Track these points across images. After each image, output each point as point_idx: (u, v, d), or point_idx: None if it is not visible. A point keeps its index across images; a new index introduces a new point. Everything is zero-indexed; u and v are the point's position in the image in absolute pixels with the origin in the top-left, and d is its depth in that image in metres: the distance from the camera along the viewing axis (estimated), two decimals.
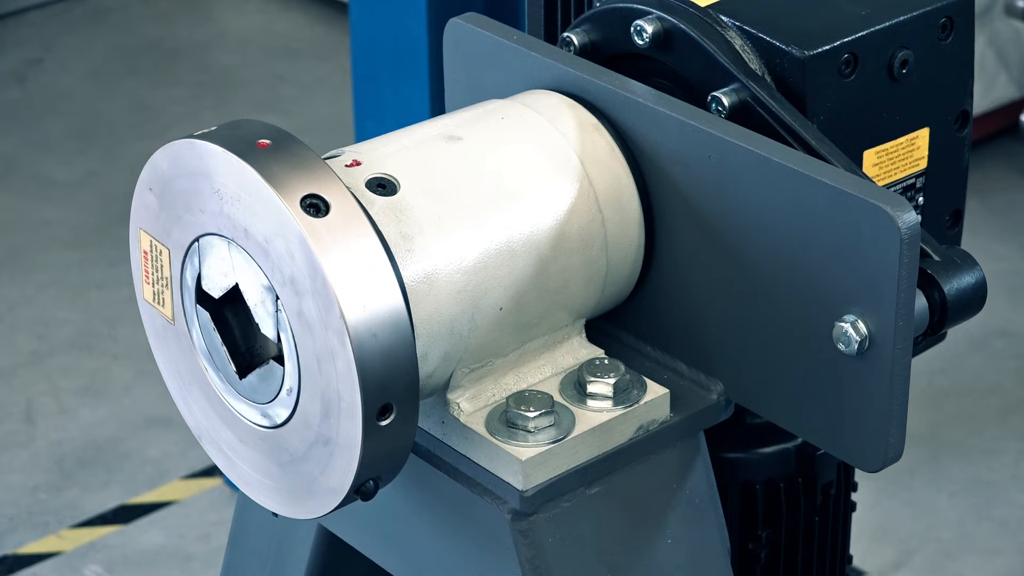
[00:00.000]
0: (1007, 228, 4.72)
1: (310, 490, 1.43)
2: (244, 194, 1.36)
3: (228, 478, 1.53)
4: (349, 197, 1.36)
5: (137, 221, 1.49)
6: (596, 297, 1.56)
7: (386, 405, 1.35)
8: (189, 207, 1.42)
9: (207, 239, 1.42)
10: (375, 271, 1.34)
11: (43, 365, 4.25)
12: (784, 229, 1.45)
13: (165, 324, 1.50)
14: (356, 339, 1.33)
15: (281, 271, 1.36)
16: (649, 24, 1.57)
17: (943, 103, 1.63)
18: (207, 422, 1.51)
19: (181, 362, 1.51)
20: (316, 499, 1.43)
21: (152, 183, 1.45)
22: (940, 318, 1.46)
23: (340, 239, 1.34)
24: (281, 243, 1.35)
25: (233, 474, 1.51)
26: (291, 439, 1.42)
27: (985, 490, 3.77)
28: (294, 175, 1.35)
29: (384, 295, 1.34)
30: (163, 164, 1.44)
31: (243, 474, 1.49)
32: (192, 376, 1.50)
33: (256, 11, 6.18)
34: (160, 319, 1.51)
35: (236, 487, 1.52)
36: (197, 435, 1.53)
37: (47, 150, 5.24)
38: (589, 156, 1.53)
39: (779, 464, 1.76)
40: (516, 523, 1.47)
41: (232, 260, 1.40)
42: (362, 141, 1.53)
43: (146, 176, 1.46)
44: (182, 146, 1.41)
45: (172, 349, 1.51)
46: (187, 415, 1.53)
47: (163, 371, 1.54)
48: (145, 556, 3.64)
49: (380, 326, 1.34)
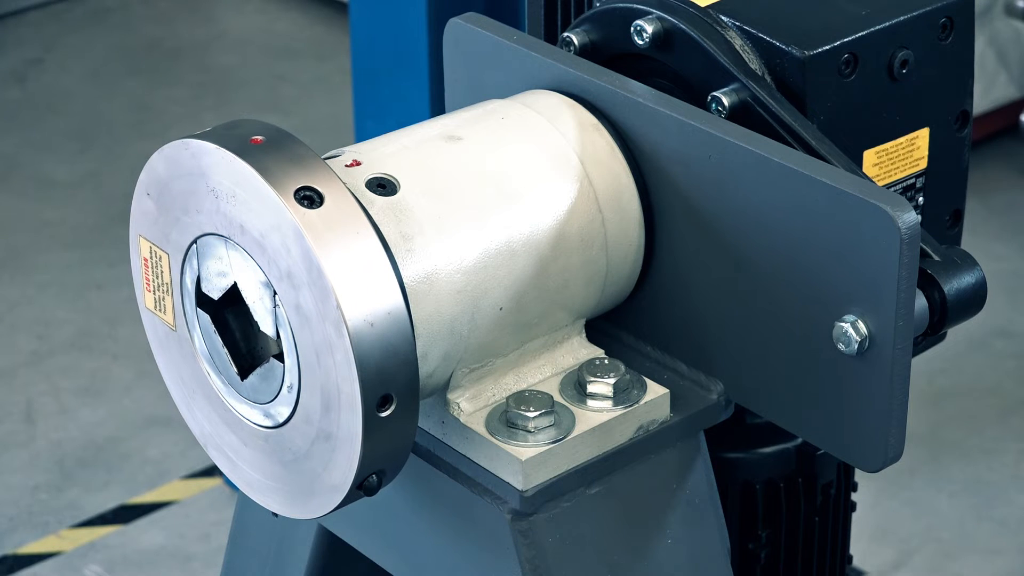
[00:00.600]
0: (1007, 228, 4.72)
1: (313, 488, 1.43)
2: (239, 190, 1.37)
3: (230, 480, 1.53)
4: (343, 188, 1.36)
5: (136, 227, 1.49)
6: (596, 297, 1.56)
7: (386, 396, 1.35)
8: (186, 208, 1.42)
9: (205, 240, 1.42)
10: (370, 262, 1.34)
11: (43, 365, 4.25)
12: (784, 229, 1.45)
13: (167, 332, 1.51)
14: (353, 328, 1.33)
15: (278, 265, 1.36)
16: (649, 24, 1.57)
17: (943, 103, 1.63)
18: (211, 427, 1.51)
19: (184, 368, 1.51)
20: (319, 497, 1.43)
21: (150, 187, 1.46)
22: (940, 318, 1.46)
23: (335, 230, 1.34)
24: (277, 237, 1.35)
25: (237, 477, 1.51)
26: (293, 437, 1.42)
27: (985, 490, 3.77)
28: (287, 169, 1.35)
29: (380, 286, 1.34)
30: (159, 167, 1.44)
31: (247, 476, 1.49)
32: (195, 381, 1.50)
33: (256, 11, 6.18)
34: (163, 327, 1.51)
35: (236, 487, 1.53)
36: (202, 441, 1.53)
37: (47, 150, 5.24)
38: (589, 156, 1.53)
39: (779, 464, 1.76)
40: (516, 523, 1.47)
41: (230, 259, 1.40)
42: (362, 141, 1.53)
43: (144, 181, 1.46)
44: (177, 147, 1.42)
45: (175, 355, 1.51)
46: (191, 421, 1.54)
47: (166, 378, 1.55)
48: (145, 556, 3.65)
49: (377, 316, 1.34)
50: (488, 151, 1.51)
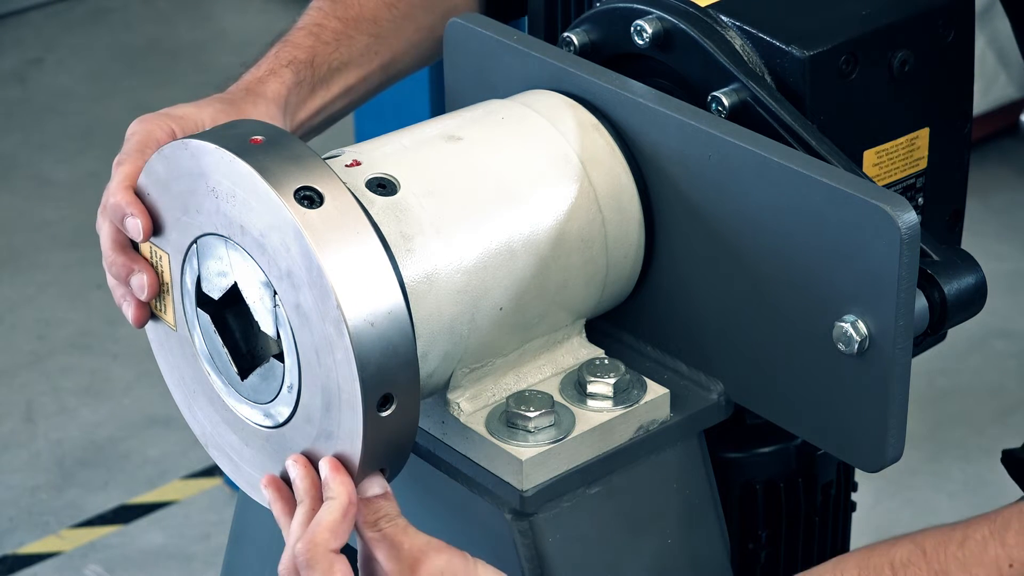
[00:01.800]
0: (1007, 228, 4.72)
1: None
2: (239, 190, 1.37)
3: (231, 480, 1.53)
4: (343, 188, 1.36)
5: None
6: (596, 297, 1.56)
7: (386, 395, 1.35)
8: (186, 209, 1.42)
9: (204, 240, 1.42)
10: (370, 262, 1.34)
11: (43, 365, 4.25)
12: (784, 229, 1.45)
13: (168, 333, 1.51)
14: (353, 328, 1.33)
15: (278, 265, 1.36)
16: (649, 24, 1.57)
17: (943, 103, 1.63)
18: (211, 427, 1.51)
19: (185, 369, 1.51)
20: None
21: (149, 188, 1.46)
22: (940, 318, 1.46)
23: (335, 230, 1.34)
24: (276, 237, 1.35)
25: (238, 477, 1.51)
26: (294, 437, 1.42)
27: (985, 490, 3.77)
28: (287, 169, 1.35)
29: (380, 286, 1.34)
30: (159, 168, 1.44)
31: (248, 477, 1.49)
32: (196, 381, 1.50)
33: (256, 11, 6.18)
34: (163, 327, 1.51)
35: (236, 487, 1.53)
36: (203, 441, 1.54)
37: (47, 150, 5.24)
38: (589, 156, 1.53)
39: (779, 464, 1.76)
40: (516, 523, 1.47)
41: (229, 259, 1.40)
42: (362, 141, 1.53)
43: (143, 181, 1.46)
44: (177, 147, 1.42)
45: (176, 357, 1.51)
46: (192, 421, 1.54)
47: (167, 379, 1.55)
48: (145, 556, 3.65)
49: (377, 316, 1.34)
50: (488, 151, 1.51)
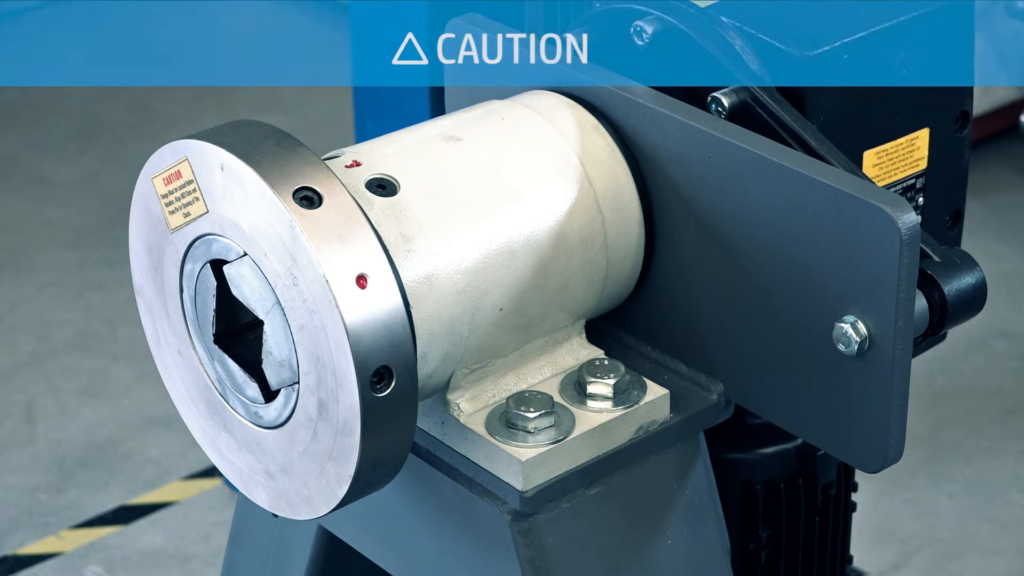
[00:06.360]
0: (1007, 228, 4.72)
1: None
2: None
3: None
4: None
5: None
6: (596, 297, 1.56)
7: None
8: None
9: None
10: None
11: (43, 365, 4.25)
12: (784, 230, 1.45)
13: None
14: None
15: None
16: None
17: (943, 103, 1.63)
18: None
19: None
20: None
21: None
22: (940, 318, 1.46)
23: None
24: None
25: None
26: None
27: (985, 490, 3.77)
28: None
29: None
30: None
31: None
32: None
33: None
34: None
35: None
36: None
37: (47, 150, 5.24)
38: (589, 156, 1.53)
39: (779, 464, 1.76)
40: (516, 523, 1.47)
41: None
42: (362, 141, 1.53)
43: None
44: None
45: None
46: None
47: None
48: (145, 556, 3.64)
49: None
50: (488, 152, 1.51)
